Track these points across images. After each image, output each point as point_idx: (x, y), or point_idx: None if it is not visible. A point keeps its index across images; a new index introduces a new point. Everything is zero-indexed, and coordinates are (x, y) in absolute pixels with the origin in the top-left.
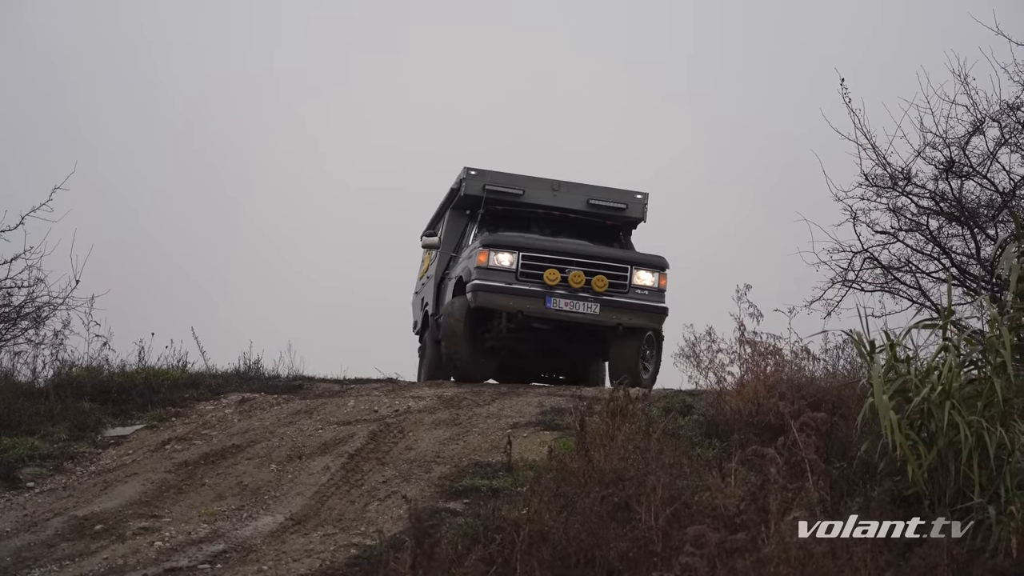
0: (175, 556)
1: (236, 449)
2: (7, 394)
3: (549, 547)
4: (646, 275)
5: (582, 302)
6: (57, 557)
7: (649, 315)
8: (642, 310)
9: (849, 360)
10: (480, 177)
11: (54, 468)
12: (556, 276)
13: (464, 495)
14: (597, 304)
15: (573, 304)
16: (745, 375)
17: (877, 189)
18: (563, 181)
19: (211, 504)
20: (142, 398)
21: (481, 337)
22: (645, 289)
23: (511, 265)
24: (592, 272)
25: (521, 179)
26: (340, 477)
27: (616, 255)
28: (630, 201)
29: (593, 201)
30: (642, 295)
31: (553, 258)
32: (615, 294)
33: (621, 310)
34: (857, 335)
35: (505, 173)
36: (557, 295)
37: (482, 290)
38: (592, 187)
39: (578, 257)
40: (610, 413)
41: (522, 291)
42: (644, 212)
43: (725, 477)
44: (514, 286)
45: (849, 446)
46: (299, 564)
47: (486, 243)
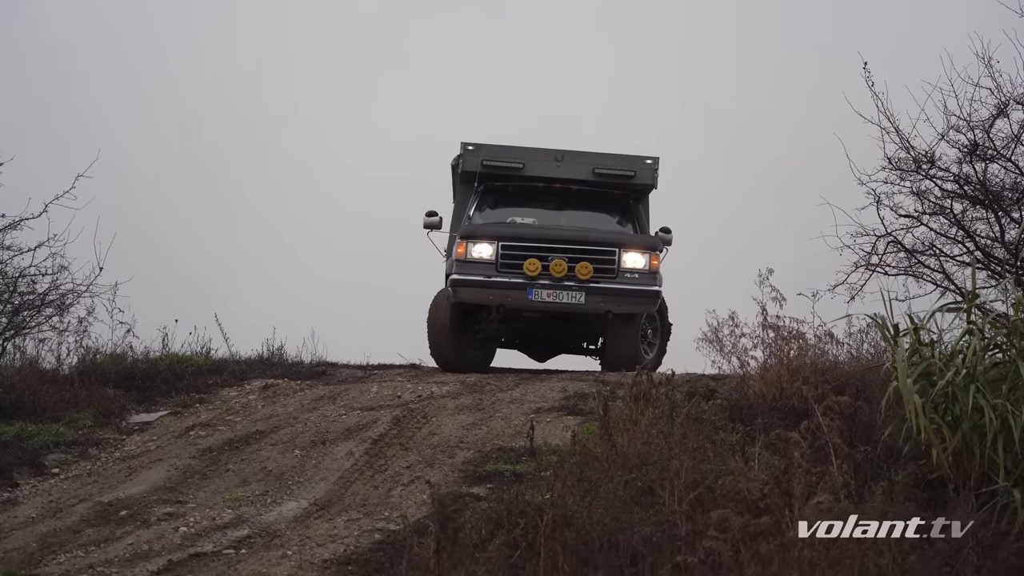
0: (200, 541)
1: (260, 435)
2: (32, 381)
3: (573, 531)
4: (635, 257)
5: (566, 291)
6: (82, 543)
7: (639, 300)
8: (632, 295)
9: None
10: (477, 152)
11: (79, 454)
12: (536, 266)
13: (487, 480)
14: (582, 292)
15: (556, 294)
16: (768, 359)
17: (901, 172)
18: (567, 150)
19: (235, 490)
20: (166, 384)
21: (471, 329)
22: (635, 272)
23: (491, 256)
24: (576, 258)
25: (521, 151)
26: (364, 462)
27: (602, 238)
28: (638, 167)
29: (599, 170)
30: (632, 279)
31: (534, 246)
32: (602, 280)
33: (608, 297)
34: (881, 319)
35: (504, 146)
36: (539, 286)
37: (461, 285)
38: (597, 155)
39: (560, 243)
40: (633, 398)
41: (502, 284)
42: (655, 178)
43: (749, 461)
44: (493, 279)
45: (873, 430)
46: (323, 549)
47: (464, 234)
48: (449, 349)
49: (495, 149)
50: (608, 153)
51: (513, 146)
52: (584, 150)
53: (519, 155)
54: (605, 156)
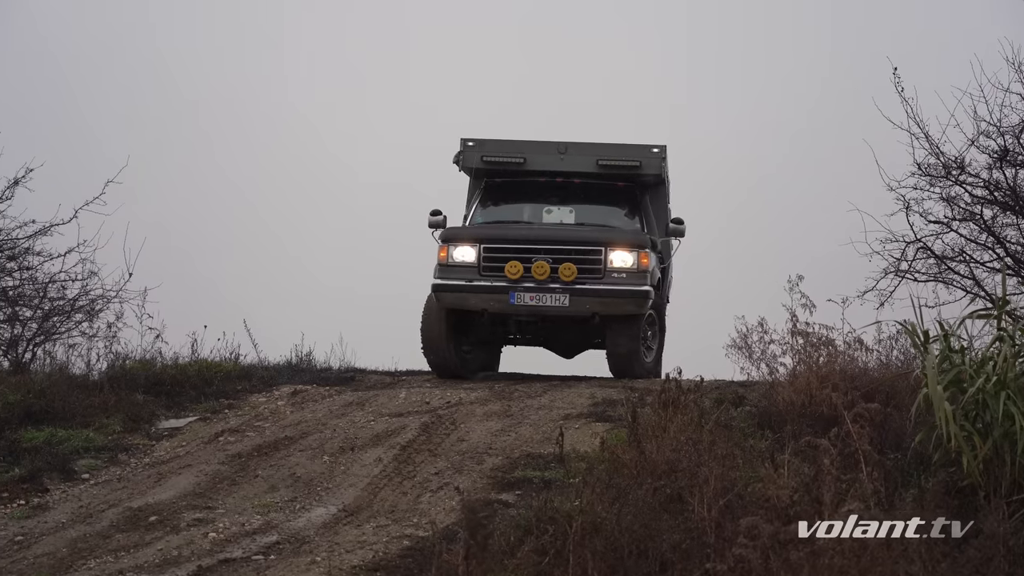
0: (229, 547)
1: (289, 441)
2: (62, 387)
3: (602, 538)
4: (623, 256)
5: (549, 294)
6: (112, 548)
7: (627, 301)
8: (619, 296)
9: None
10: (478, 148)
11: (109, 460)
12: (518, 268)
13: (516, 487)
14: (566, 295)
15: (539, 297)
16: (798, 366)
17: (930, 178)
18: (570, 142)
19: (264, 496)
20: (195, 390)
21: (464, 333)
22: (623, 272)
23: (473, 259)
24: (560, 259)
25: (522, 145)
26: (392, 469)
27: (586, 236)
28: (644, 157)
29: (603, 161)
30: (619, 279)
31: (516, 248)
32: (587, 280)
33: (594, 298)
34: (911, 325)
35: (504, 140)
36: (521, 289)
37: (443, 290)
38: (602, 146)
39: (543, 243)
40: (662, 404)
41: (484, 288)
42: (662, 168)
43: (778, 468)
44: (475, 283)
45: (903, 437)
46: (352, 555)
47: (445, 237)
48: (443, 355)
49: (495, 144)
50: (612, 143)
51: (514, 140)
52: (588, 141)
53: (520, 149)
54: (609, 147)
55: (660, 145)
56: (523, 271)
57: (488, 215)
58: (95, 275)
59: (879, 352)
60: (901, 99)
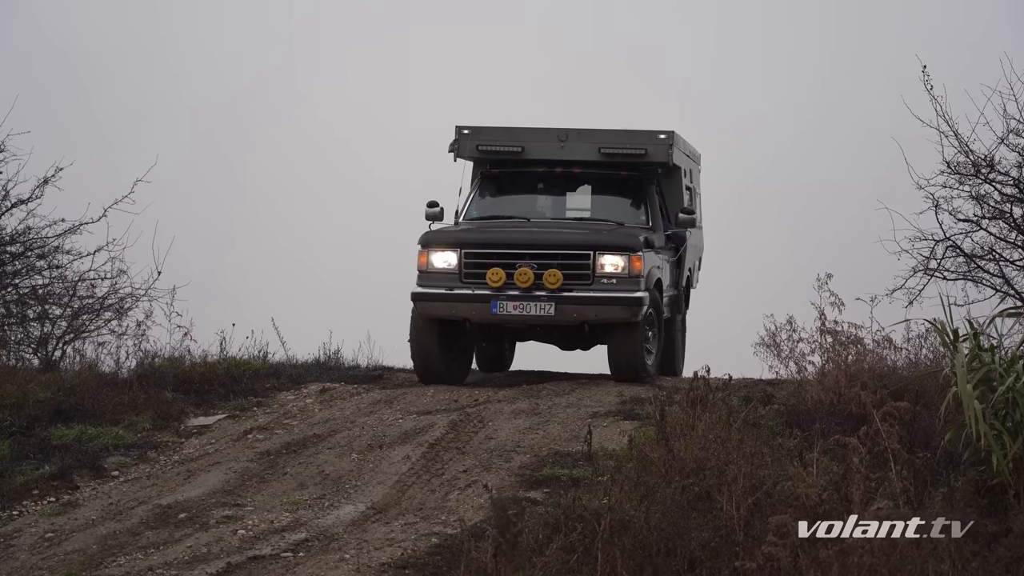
0: (258, 544)
1: (317, 439)
2: (92, 384)
3: (630, 536)
4: (613, 260)
5: (534, 303)
6: (142, 545)
7: (618, 309)
8: (609, 304)
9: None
10: (474, 136)
11: (138, 457)
12: (500, 276)
13: (544, 484)
14: (551, 304)
15: (523, 306)
16: (826, 364)
17: (959, 177)
18: (571, 129)
19: (293, 493)
20: (224, 388)
21: (455, 339)
22: (612, 277)
23: (454, 266)
24: (546, 264)
25: (520, 132)
26: (421, 466)
27: (573, 240)
28: (650, 144)
29: (606, 149)
30: (609, 284)
31: (499, 253)
32: (575, 287)
33: (582, 306)
34: (940, 324)
35: (501, 128)
36: (504, 298)
37: (422, 299)
38: (605, 132)
39: (527, 248)
40: (690, 403)
41: (465, 296)
42: (669, 155)
43: (807, 467)
44: (456, 291)
45: (932, 436)
46: (381, 553)
47: (424, 242)
48: (431, 364)
49: (492, 132)
50: (616, 130)
51: (512, 127)
52: (590, 128)
53: (518, 137)
54: (613, 133)
55: (667, 131)
56: (505, 278)
57: (483, 208)
58: (124, 273)
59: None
60: (930, 97)
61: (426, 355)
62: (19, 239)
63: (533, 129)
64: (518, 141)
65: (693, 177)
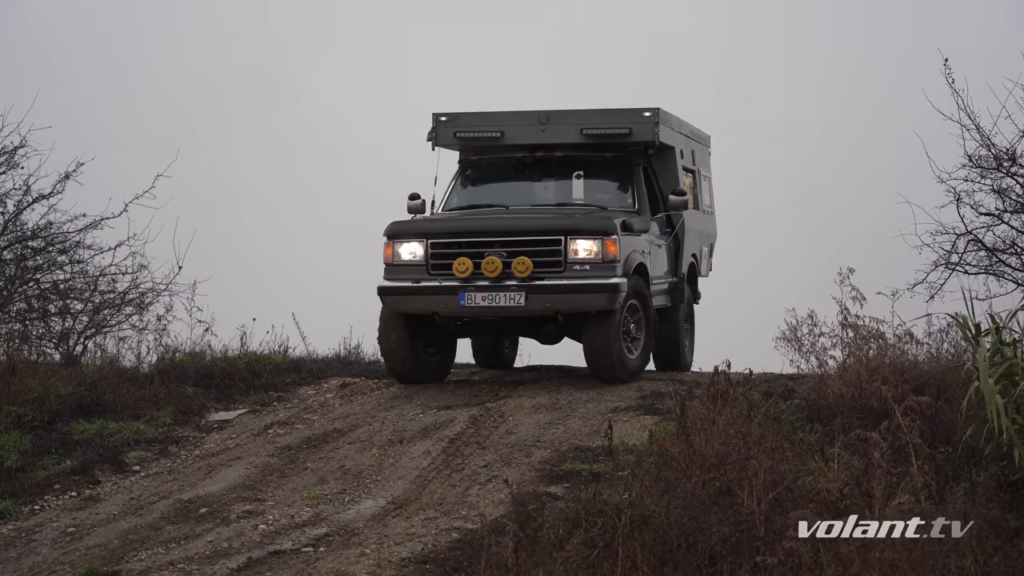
0: (279, 539)
1: (338, 433)
2: (113, 379)
3: (651, 531)
4: (586, 245)
5: (503, 293)
6: (163, 540)
7: (593, 296)
8: (583, 291)
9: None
10: (451, 123)
11: (159, 452)
12: (467, 266)
13: (565, 479)
14: (521, 293)
15: (492, 297)
16: (847, 359)
17: (981, 170)
18: (552, 111)
19: (313, 488)
20: (244, 383)
21: (427, 334)
22: (586, 264)
23: (420, 257)
24: (515, 252)
25: (499, 116)
26: (441, 461)
27: (542, 225)
28: (635, 123)
29: (587, 130)
30: (582, 271)
31: (466, 242)
32: (546, 275)
33: (554, 295)
34: (962, 318)
35: (480, 113)
36: (472, 289)
37: (388, 293)
38: (586, 112)
39: (494, 235)
40: (711, 397)
41: (432, 288)
42: (655, 134)
43: (828, 462)
44: (423, 283)
45: (954, 431)
46: (401, 548)
47: (389, 233)
48: (401, 361)
49: (470, 117)
50: (598, 109)
51: (490, 112)
52: (572, 108)
53: (497, 121)
54: (595, 113)
55: (652, 108)
56: (473, 268)
57: (464, 198)
58: (145, 268)
59: (929, 345)
60: (952, 90)
61: (397, 353)
62: (41, 234)
63: (512, 113)
64: (497, 126)
65: (697, 158)
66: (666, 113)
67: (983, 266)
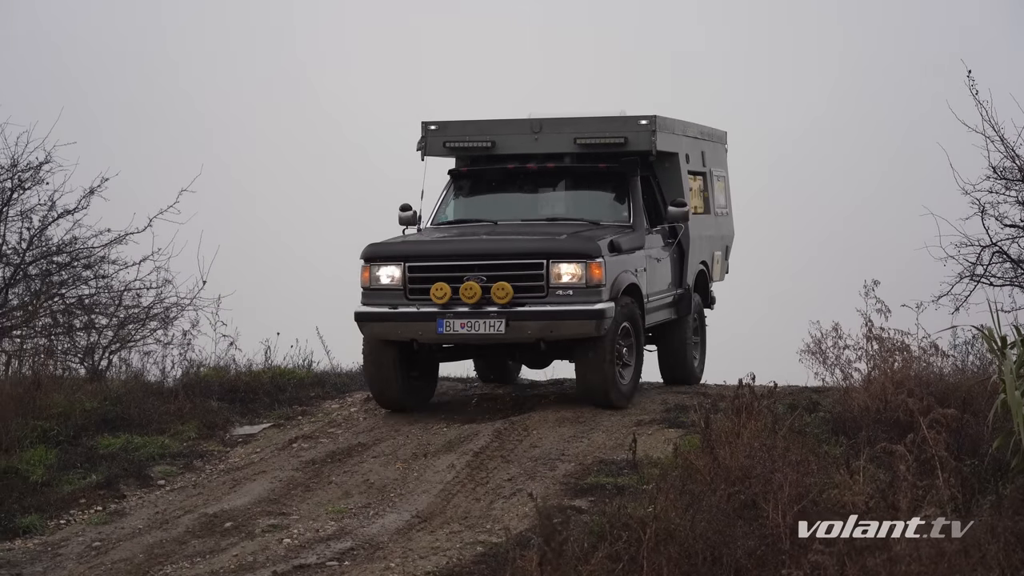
0: (303, 553)
1: (362, 447)
2: (138, 394)
3: (676, 545)
4: (569, 269)
5: (483, 320)
6: (188, 554)
7: (577, 323)
8: (564, 318)
9: (979, 356)
10: (441, 132)
11: (184, 466)
12: (444, 291)
13: (589, 493)
14: (502, 320)
15: (471, 324)
16: (872, 371)
17: (1006, 182)
18: (546, 119)
19: (338, 502)
20: (269, 397)
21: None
22: (569, 289)
23: (398, 281)
24: (495, 276)
25: (491, 125)
26: (465, 475)
27: (522, 247)
28: (631, 132)
29: (582, 140)
30: (565, 296)
31: (444, 265)
32: (528, 301)
33: (535, 321)
34: (987, 330)
35: (471, 121)
36: (451, 315)
37: (365, 319)
38: (581, 120)
39: (472, 259)
40: (735, 411)
41: (409, 315)
42: (652, 143)
43: (853, 474)
44: (400, 309)
45: (980, 443)
46: (426, 561)
47: (366, 255)
48: (387, 388)
49: (460, 126)
50: (593, 117)
51: (481, 120)
52: (567, 116)
53: (488, 130)
54: (589, 121)
55: (648, 116)
56: (451, 293)
57: (454, 211)
58: (169, 283)
59: (955, 357)
60: (976, 102)
61: (381, 379)
62: (65, 249)
63: (504, 121)
64: (488, 135)
65: (708, 159)
66: (664, 119)
67: (1008, 278)
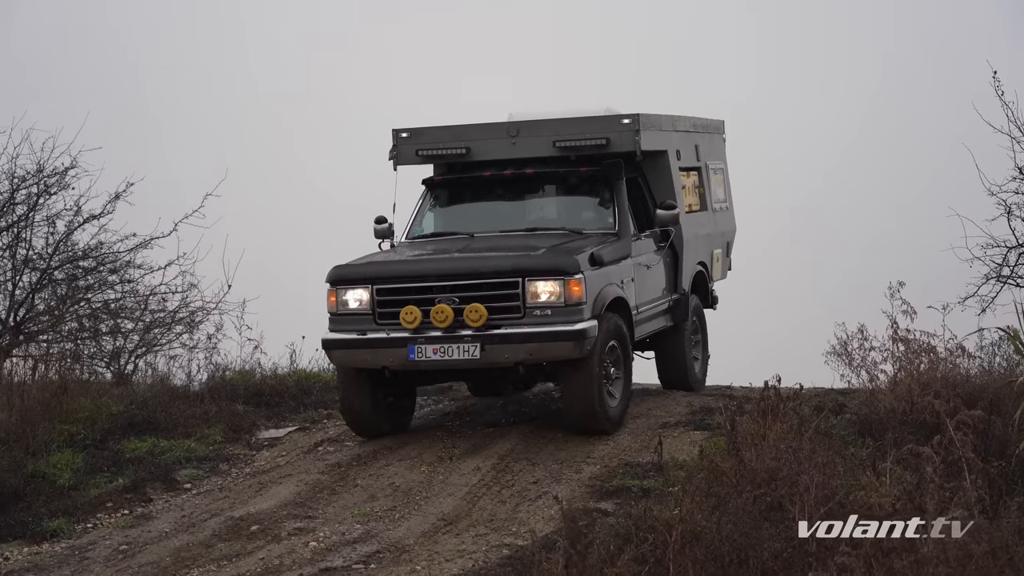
0: (329, 556)
1: (387, 450)
2: (164, 398)
3: (702, 547)
4: (546, 287)
5: (456, 345)
6: (215, 557)
7: (555, 344)
8: (543, 340)
9: (1005, 357)
10: (414, 139)
11: (210, 470)
12: (415, 315)
13: (615, 495)
14: (476, 345)
15: (444, 350)
16: (898, 373)
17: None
18: (523, 122)
19: (364, 505)
20: (294, 400)
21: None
22: (547, 308)
23: (367, 304)
24: (468, 297)
25: (465, 130)
26: (491, 478)
27: (495, 266)
28: (613, 131)
29: (561, 142)
30: (543, 316)
31: (413, 287)
32: (504, 322)
33: (512, 344)
34: (1014, 332)
35: (444, 127)
36: (422, 341)
37: (332, 346)
38: (560, 122)
39: (444, 280)
40: (761, 412)
41: (379, 341)
42: (636, 143)
43: (880, 476)
44: (369, 335)
45: (1007, 444)
46: (452, 564)
47: (331, 278)
48: (359, 413)
49: (433, 132)
50: (572, 118)
51: (455, 125)
52: (545, 118)
53: (463, 136)
54: (569, 122)
55: (631, 114)
56: (422, 317)
57: (430, 223)
58: (195, 287)
59: (981, 359)
60: (1001, 103)
61: (353, 405)
62: (91, 254)
63: (480, 126)
64: (463, 141)
65: (702, 152)
66: (650, 116)
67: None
